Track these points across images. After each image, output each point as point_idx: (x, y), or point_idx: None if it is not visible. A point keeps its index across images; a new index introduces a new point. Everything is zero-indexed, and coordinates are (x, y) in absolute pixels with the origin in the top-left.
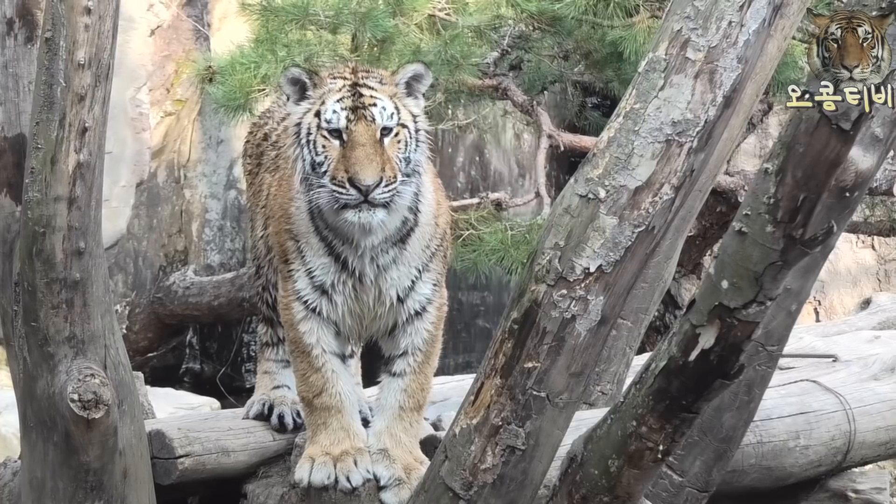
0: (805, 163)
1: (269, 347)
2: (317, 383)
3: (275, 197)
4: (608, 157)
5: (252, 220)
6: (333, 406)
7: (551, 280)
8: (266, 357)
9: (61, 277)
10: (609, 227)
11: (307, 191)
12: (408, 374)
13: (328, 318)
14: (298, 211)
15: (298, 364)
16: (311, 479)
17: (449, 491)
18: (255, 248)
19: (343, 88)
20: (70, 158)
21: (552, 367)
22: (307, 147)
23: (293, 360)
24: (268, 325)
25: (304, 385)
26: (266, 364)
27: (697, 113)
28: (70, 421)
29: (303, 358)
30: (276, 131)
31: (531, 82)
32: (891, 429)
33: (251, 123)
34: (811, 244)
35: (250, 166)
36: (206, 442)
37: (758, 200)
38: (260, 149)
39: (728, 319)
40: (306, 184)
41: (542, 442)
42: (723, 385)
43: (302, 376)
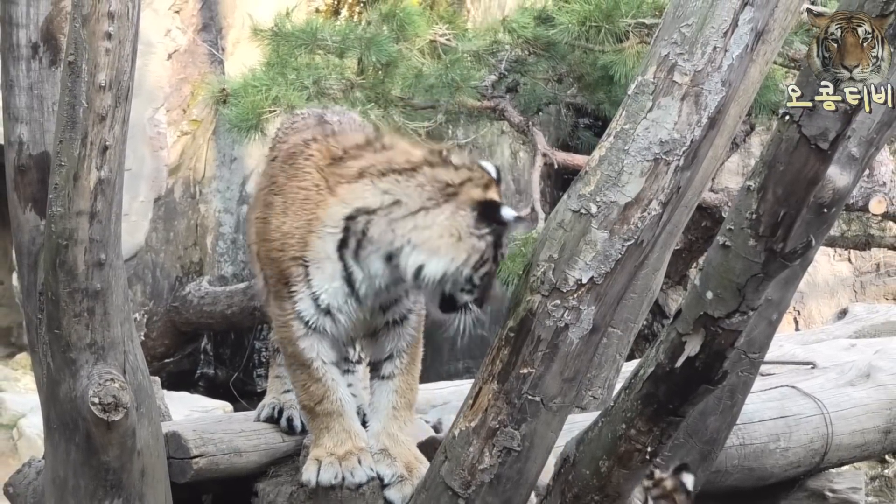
0: (785, 180)
1: (279, 352)
2: (318, 392)
3: (281, 224)
4: (599, 174)
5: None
6: (335, 411)
7: (546, 291)
8: (277, 363)
9: (83, 287)
10: (600, 240)
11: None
12: (396, 375)
13: (328, 334)
14: (323, 242)
15: (298, 376)
16: (319, 479)
17: (448, 490)
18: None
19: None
20: (91, 175)
21: (546, 372)
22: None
23: (291, 373)
24: None
25: (305, 394)
26: (278, 369)
27: (684, 133)
28: (91, 423)
29: (303, 370)
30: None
31: (527, 104)
32: (866, 432)
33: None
34: (791, 257)
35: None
36: (220, 443)
37: (741, 216)
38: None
39: (712, 328)
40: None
41: (537, 444)
42: (707, 390)
43: (303, 387)
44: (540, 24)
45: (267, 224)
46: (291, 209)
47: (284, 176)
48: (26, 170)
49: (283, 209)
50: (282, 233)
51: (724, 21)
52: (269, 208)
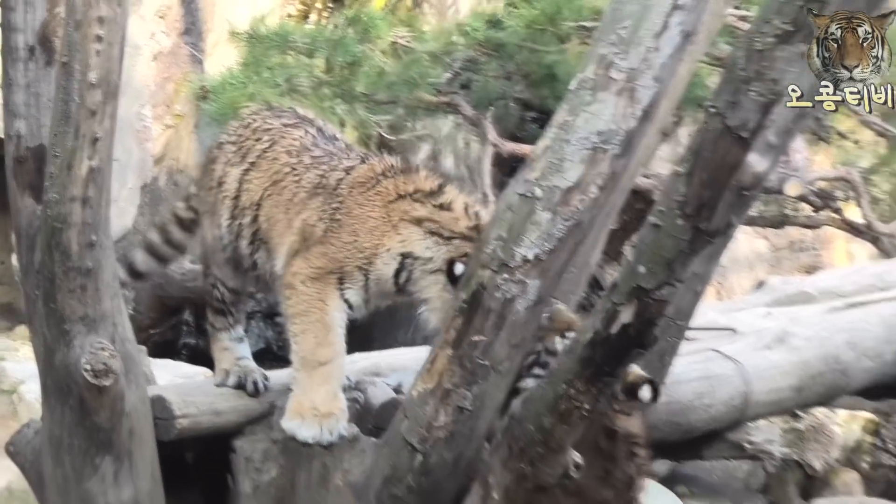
0: (710, 166)
1: (223, 331)
2: (327, 354)
3: (352, 240)
4: (544, 161)
5: (205, 218)
6: (334, 375)
7: (495, 266)
8: (221, 339)
9: (76, 266)
10: (544, 221)
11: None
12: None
13: (352, 313)
14: (385, 266)
15: (310, 338)
16: (302, 433)
17: (408, 445)
18: (204, 245)
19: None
20: (83, 165)
21: (496, 339)
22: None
23: (303, 332)
24: (220, 314)
25: (311, 354)
26: (223, 343)
27: (619, 124)
28: (84, 388)
29: (322, 334)
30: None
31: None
32: (780, 390)
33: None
34: (714, 235)
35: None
36: (201, 405)
37: (670, 198)
38: (248, 144)
39: (644, 298)
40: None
41: (487, 403)
42: (639, 354)
43: (314, 346)
44: (491, 27)
45: (335, 233)
46: (361, 231)
47: (356, 204)
48: (24, 160)
49: (352, 230)
50: (351, 246)
51: (656, 24)
52: (336, 222)
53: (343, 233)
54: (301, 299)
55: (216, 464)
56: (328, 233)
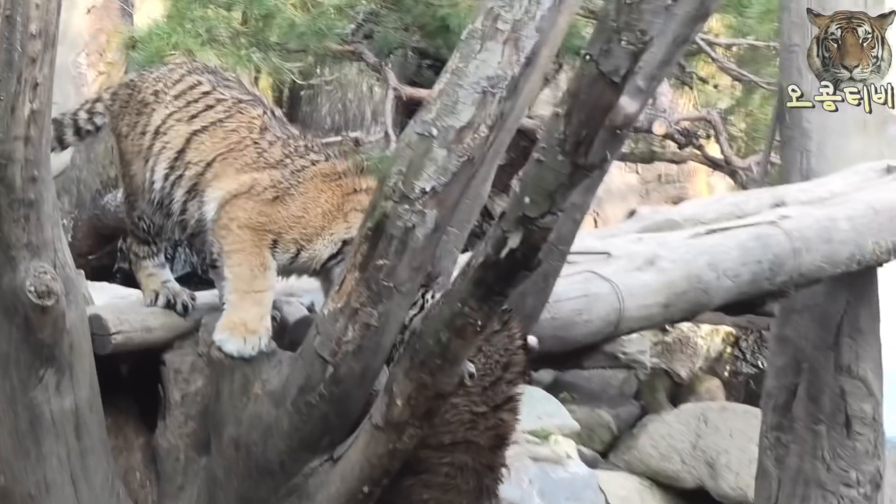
0: (586, 108)
1: (146, 259)
2: (261, 285)
3: (301, 214)
4: (439, 104)
5: (134, 158)
6: (265, 302)
7: (397, 198)
8: (146, 266)
9: (20, 198)
10: (440, 157)
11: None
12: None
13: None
14: (323, 246)
15: (246, 270)
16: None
17: (320, 358)
18: (131, 183)
19: None
20: (25, 107)
21: (398, 263)
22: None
23: (240, 265)
24: (143, 244)
25: (247, 284)
26: (148, 270)
27: (506, 70)
28: (28, 308)
29: (259, 270)
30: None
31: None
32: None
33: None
34: (591, 169)
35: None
36: (134, 322)
37: (551, 137)
38: (197, 107)
39: (529, 226)
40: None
41: (391, 320)
42: (525, 275)
43: (250, 278)
44: None
45: (284, 204)
46: (312, 211)
47: (315, 189)
48: None
49: (304, 208)
50: (296, 220)
51: None
52: (289, 196)
53: (293, 206)
54: (238, 239)
55: (148, 375)
56: (277, 201)
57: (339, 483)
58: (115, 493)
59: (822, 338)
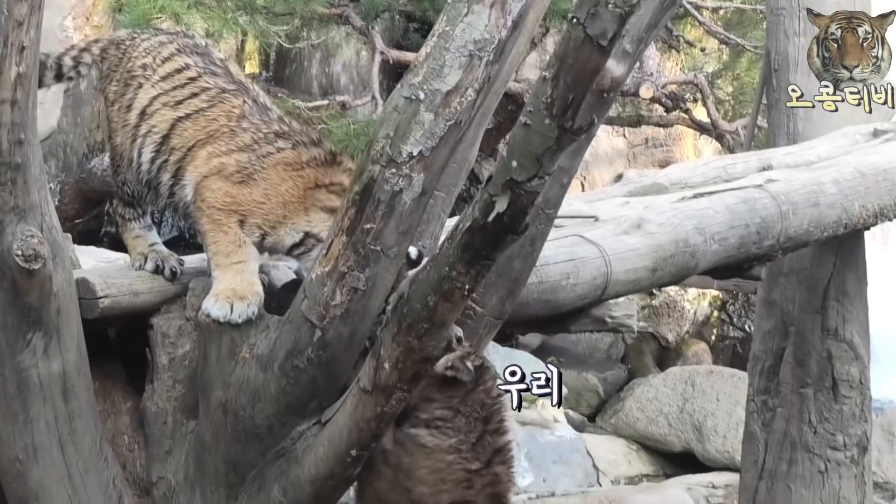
0: (573, 71)
1: (133, 220)
2: (241, 257)
3: (263, 200)
4: (426, 67)
5: (120, 132)
6: (248, 269)
7: (384, 162)
8: (132, 228)
9: (7, 161)
10: (427, 121)
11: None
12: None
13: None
14: (287, 235)
15: (222, 248)
16: (214, 311)
17: (308, 321)
18: (115, 150)
19: None
20: (12, 70)
21: (385, 227)
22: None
23: (215, 243)
24: (129, 206)
25: (226, 259)
26: (135, 232)
27: (493, 34)
28: (16, 271)
29: (234, 247)
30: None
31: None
32: (637, 271)
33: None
34: (578, 133)
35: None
36: (121, 286)
37: (538, 100)
38: (184, 92)
39: (517, 190)
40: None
41: (378, 284)
42: (513, 239)
43: (227, 254)
44: None
45: (248, 188)
46: (273, 199)
47: (277, 177)
48: None
49: (265, 195)
50: (258, 205)
51: None
52: (252, 181)
53: (255, 192)
54: (209, 219)
55: (136, 339)
56: (242, 184)
57: (326, 446)
58: (103, 457)
59: (808, 301)
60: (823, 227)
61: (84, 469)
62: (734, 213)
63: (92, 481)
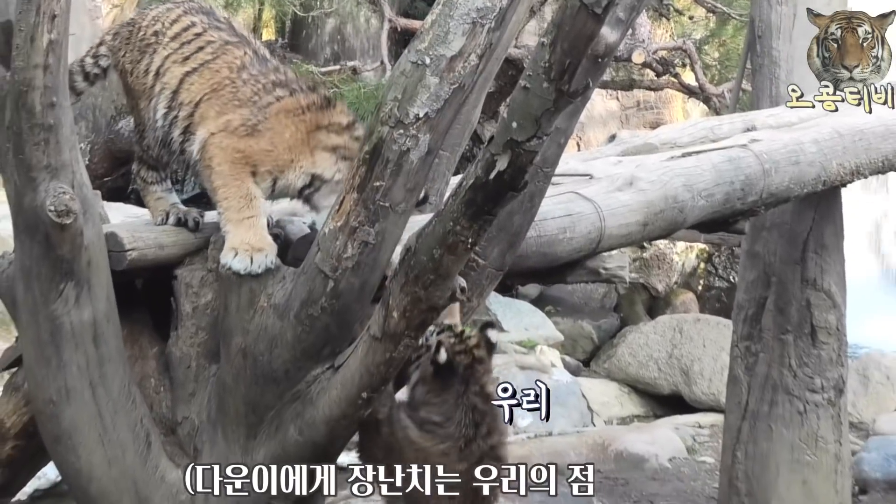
0: (570, 38)
1: (155, 184)
2: (251, 212)
3: (270, 148)
4: (431, 34)
5: (141, 97)
6: (260, 224)
7: (392, 123)
8: (154, 190)
9: (40, 123)
10: (433, 84)
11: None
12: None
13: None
14: (295, 177)
15: (234, 203)
16: (235, 265)
17: (321, 273)
18: (139, 116)
19: None
20: (44, 37)
21: (393, 185)
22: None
23: (227, 199)
24: (152, 169)
25: (237, 214)
26: (157, 194)
27: (494, 2)
28: (48, 225)
29: (245, 202)
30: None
31: None
32: (629, 225)
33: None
34: (574, 95)
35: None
36: (147, 240)
37: (537, 65)
38: (191, 48)
39: (516, 149)
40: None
41: (387, 238)
42: (513, 196)
43: (238, 209)
44: None
45: (255, 139)
46: (280, 146)
47: (280, 125)
48: None
49: (272, 142)
50: (266, 153)
51: None
52: (257, 132)
53: (263, 141)
54: (219, 176)
55: (161, 289)
56: (248, 137)
57: (339, 389)
58: (131, 399)
59: (789, 253)
60: (803, 183)
61: (114, 410)
62: (720, 171)
63: (121, 421)
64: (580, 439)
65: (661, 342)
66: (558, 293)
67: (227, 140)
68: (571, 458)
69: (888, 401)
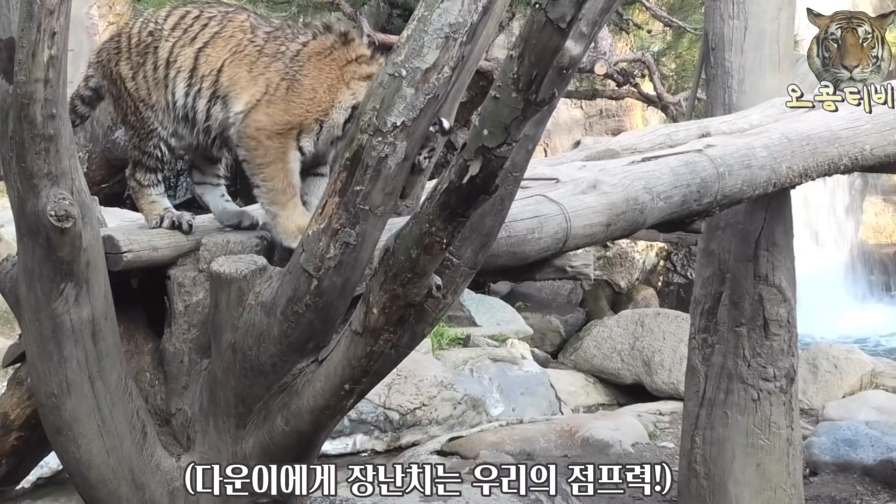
0: (536, 51)
1: (151, 187)
2: (292, 192)
3: (312, 96)
4: (407, 48)
5: (154, 90)
6: (299, 203)
7: (371, 131)
8: (149, 193)
9: (41, 133)
10: (409, 95)
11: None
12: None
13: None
14: (338, 115)
15: (279, 182)
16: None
17: (306, 272)
18: (153, 114)
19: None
20: (45, 53)
21: (373, 189)
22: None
23: (273, 177)
24: (151, 172)
25: (282, 193)
26: (151, 198)
27: (466, 18)
28: (49, 229)
29: (288, 179)
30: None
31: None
32: (593, 226)
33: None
34: (541, 105)
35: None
36: (142, 242)
37: (506, 76)
38: (194, 30)
39: (488, 155)
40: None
41: (367, 239)
42: (485, 199)
43: (283, 187)
44: None
45: (296, 92)
46: (321, 90)
47: (315, 69)
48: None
49: (313, 88)
50: (310, 101)
51: None
52: (298, 83)
53: (304, 90)
54: (267, 152)
55: (155, 288)
56: (290, 91)
57: (323, 381)
58: (128, 392)
59: (742, 251)
60: (755, 186)
61: (111, 402)
62: (677, 175)
63: (118, 413)
64: (549, 427)
65: (624, 335)
66: (528, 290)
67: (272, 107)
68: (541, 444)
69: (836, 389)
